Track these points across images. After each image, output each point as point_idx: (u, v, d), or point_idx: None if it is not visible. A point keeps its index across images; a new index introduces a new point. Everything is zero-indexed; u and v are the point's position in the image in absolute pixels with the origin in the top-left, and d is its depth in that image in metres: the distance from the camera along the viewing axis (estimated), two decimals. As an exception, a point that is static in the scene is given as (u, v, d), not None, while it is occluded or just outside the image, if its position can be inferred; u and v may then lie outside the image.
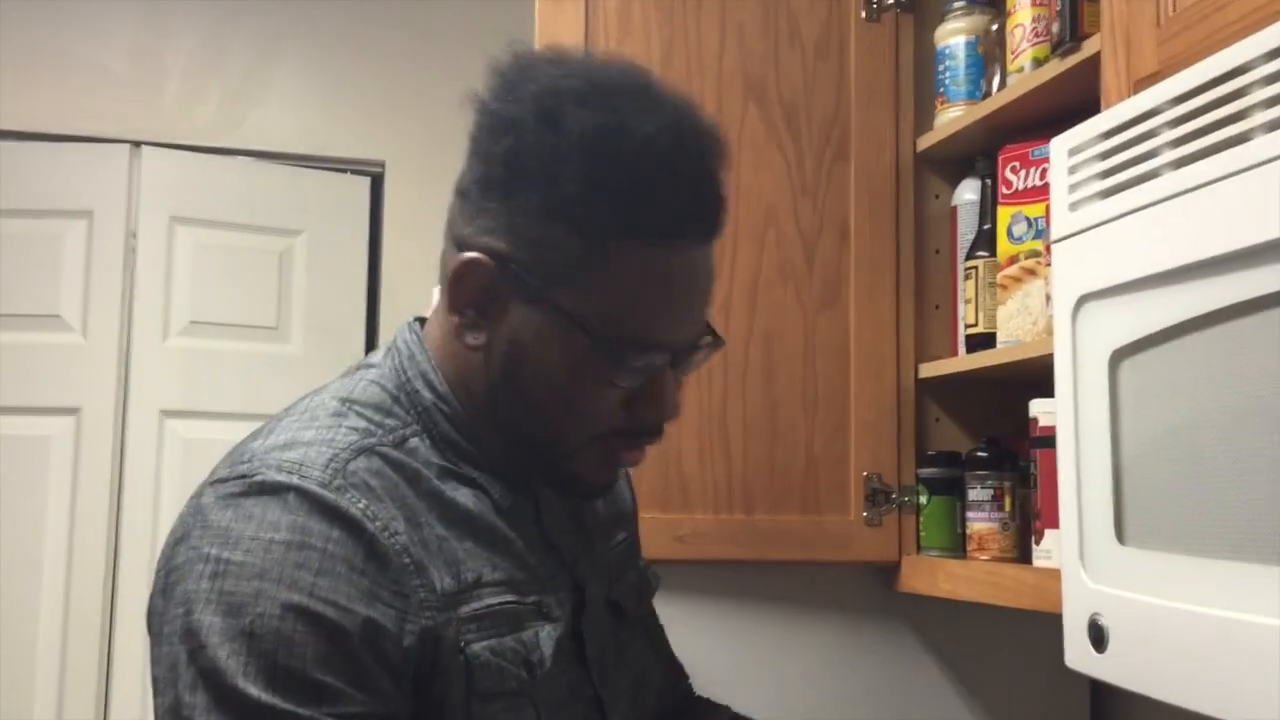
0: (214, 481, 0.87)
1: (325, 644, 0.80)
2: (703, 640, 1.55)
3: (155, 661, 0.83)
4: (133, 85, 2.81)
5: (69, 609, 2.62)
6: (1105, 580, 0.94)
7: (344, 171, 2.99)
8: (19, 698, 2.57)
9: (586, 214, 0.86)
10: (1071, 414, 0.98)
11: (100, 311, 2.71)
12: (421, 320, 1.00)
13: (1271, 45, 0.76)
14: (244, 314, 2.85)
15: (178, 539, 0.86)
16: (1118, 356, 0.92)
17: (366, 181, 3.01)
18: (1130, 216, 0.90)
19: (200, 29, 2.85)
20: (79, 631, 2.62)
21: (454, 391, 0.94)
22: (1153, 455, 0.89)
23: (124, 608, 2.65)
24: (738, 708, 1.22)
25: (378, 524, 0.85)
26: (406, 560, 0.85)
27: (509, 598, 0.90)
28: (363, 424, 0.91)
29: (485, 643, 0.88)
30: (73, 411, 2.67)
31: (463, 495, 0.92)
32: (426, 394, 0.94)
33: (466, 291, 0.90)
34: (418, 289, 2.26)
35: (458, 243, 0.92)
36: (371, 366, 0.97)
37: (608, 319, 0.87)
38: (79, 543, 2.64)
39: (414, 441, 0.92)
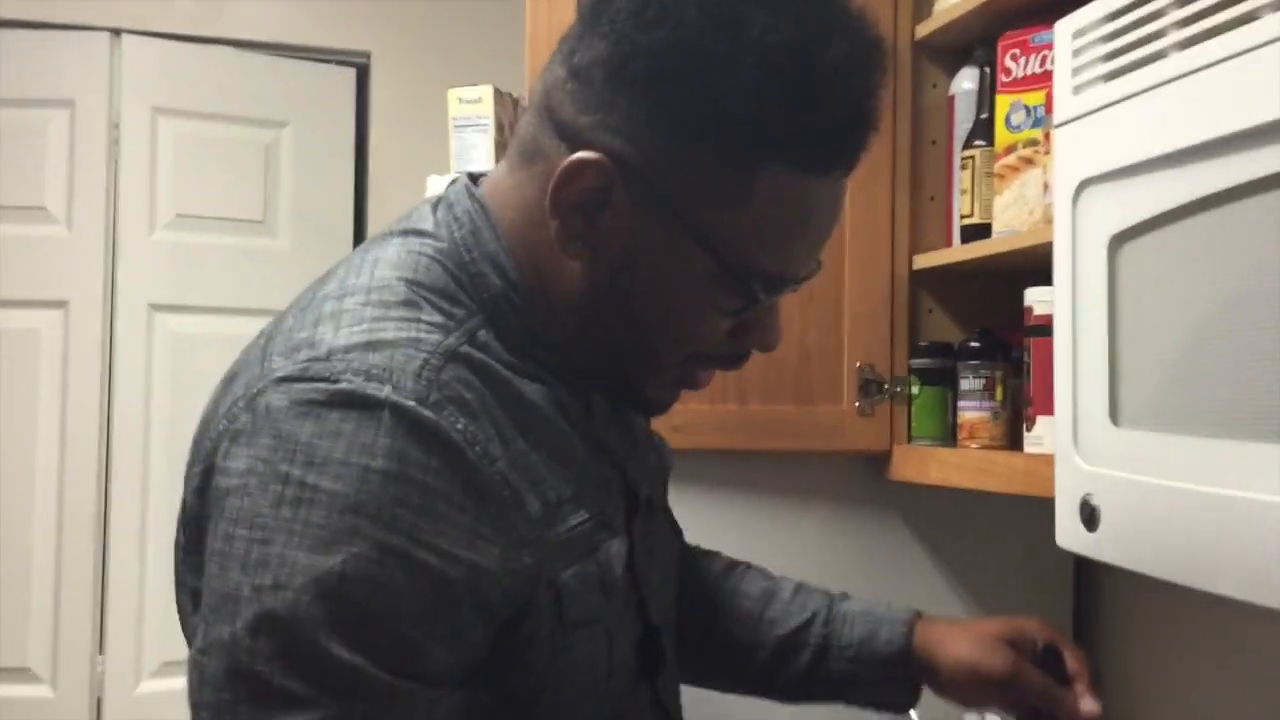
0: (281, 379, 0.75)
1: (426, 595, 0.71)
2: (696, 529, 1.57)
3: (193, 571, 0.76)
4: (111, -29, 2.75)
5: (63, 500, 2.65)
6: (1098, 461, 0.95)
7: (328, 62, 2.94)
8: (16, 590, 2.60)
9: (747, 136, 0.76)
10: (1069, 299, 0.99)
11: (85, 204, 2.69)
12: (474, 178, 0.89)
13: (1286, -80, 0.75)
14: (230, 208, 2.83)
15: (234, 438, 0.75)
16: (1117, 241, 0.92)
17: (352, 73, 2.97)
18: (1134, 99, 0.90)
19: (179, -87, 2.78)
20: (74, 523, 2.65)
21: (526, 285, 0.83)
22: (1149, 338, 0.90)
23: (117, 499, 2.68)
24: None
25: (477, 449, 0.75)
26: (505, 492, 0.76)
27: (583, 515, 0.82)
28: (439, 318, 0.80)
29: (571, 570, 0.80)
30: (61, 304, 2.66)
31: (535, 394, 0.82)
32: (495, 280, 0.83)
33: (574, 194, 0.79)
34: (406, 183, 2.24)
35: (564, 132, 0.80)
36: (425, 235, 0.85)
37: (741, 247, 0.79)
38: (71, 435, 2.65)
39: (483, 335, 0.81)
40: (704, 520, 1.58)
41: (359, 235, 2.92)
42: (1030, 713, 1.05)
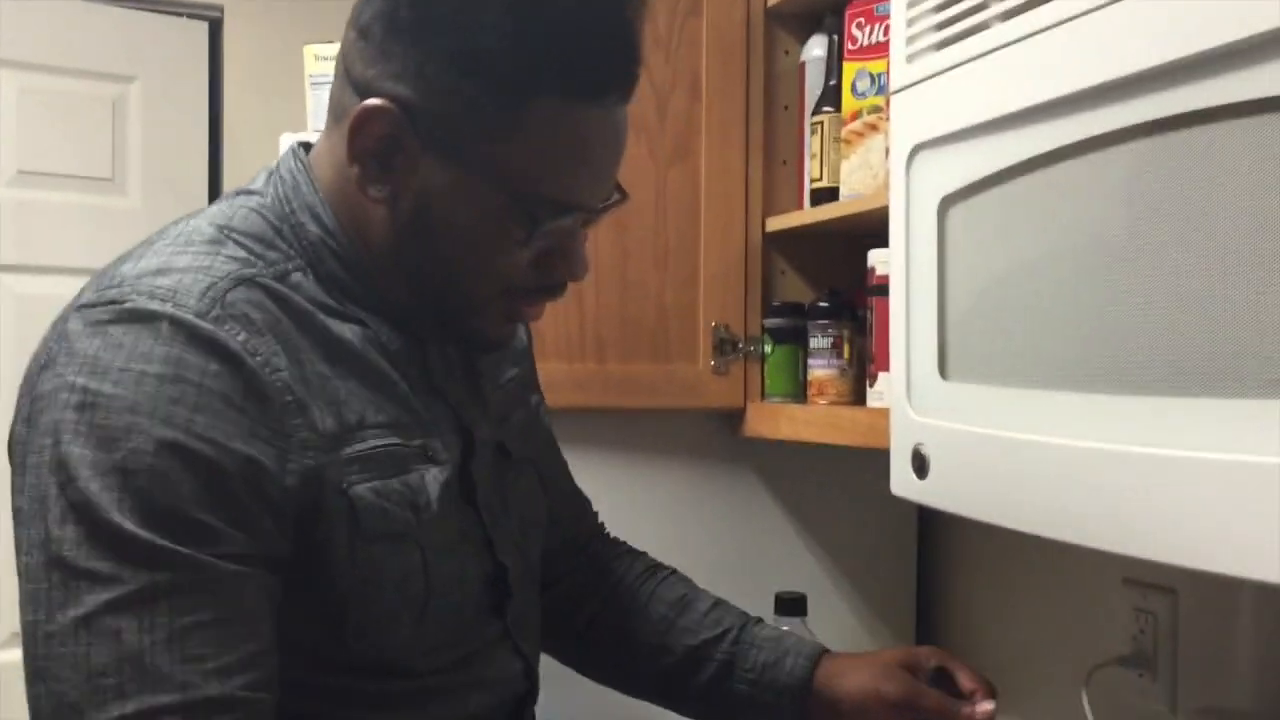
0: (80, 306, 0.83)
1: (203, 482, 0.77)
2: (556, 486, 1.60)
3: (18, 492, 0.80)
4: (-59, -86, 2.61)
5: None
6: (928, 413, 1.00)
7: (179, 15, 2.85)
8: None
9: (507, 68, 0.82)
10: (903, 259, 1.04)
11: (-80, 160, 2.55)
12: (306, 146, 0.95)
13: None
14: (77, 165, 2.73)
15: (42, 365, 0.82)
16: (946, 203, 0.97)
17: (204, 27, 2.87)
18: (962, 67, 0.94)
19: None
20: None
21: (344, 232, 0.90)
22: (975, 297, 0.95)
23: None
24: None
25: (258, 359, 0.81)
26: (288, 398, 0.82)
27: (393, 440, 0.88)
28: (242, 254, 0.86)
29: (369, 484, 0.86)
30: (-105, 266, 2.54)
31: (348, 332, 0.89)
32: (313, 228, 0.90)
33: (368, 141, 0.85)
34: (261, 141, 2.20)
35: (357, 86, 0.86)
36: (252, 194, 0.93)
37: (525, 178, 0.85)
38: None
39: (297, 277, 0.88)
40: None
41: (214, 193, 2.85)
42: None
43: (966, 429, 0.95)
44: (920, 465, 1.00)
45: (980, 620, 1.68)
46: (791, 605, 1.53)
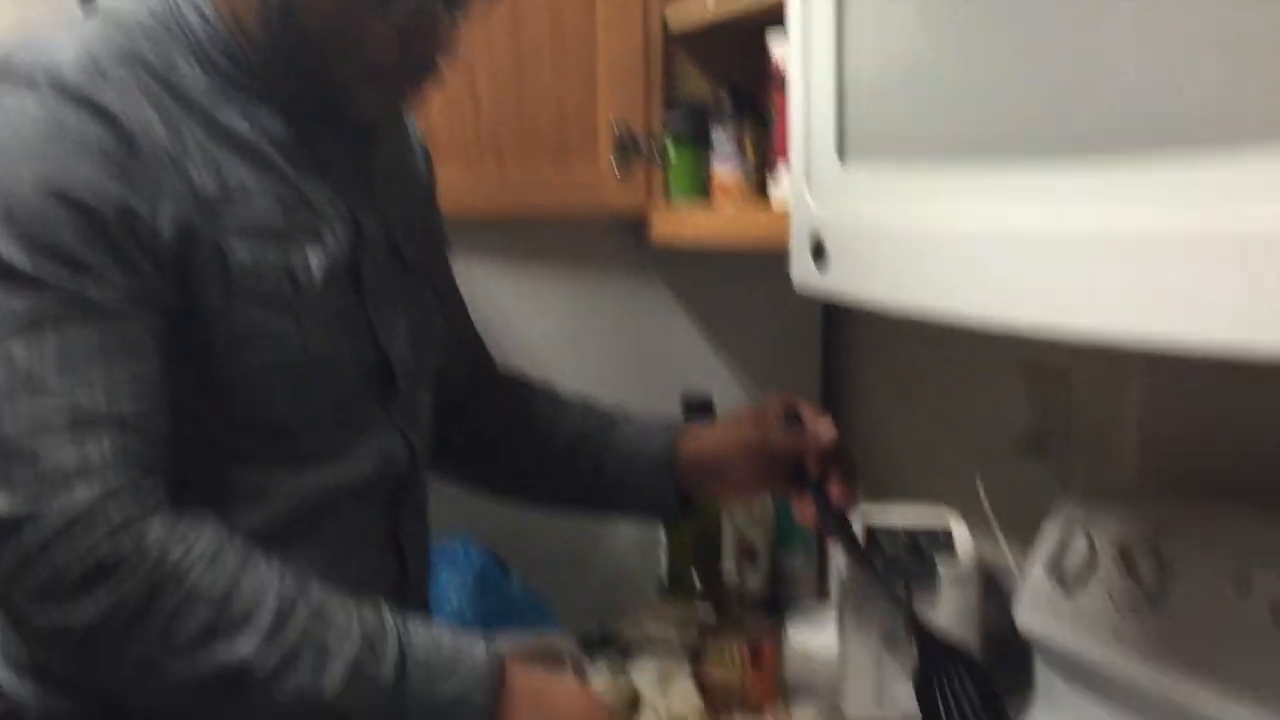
0: None
1: (83, 224, 0.81)
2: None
3: None
4: None
5: None
6: (827, 201, 0.99)
7: None
8: None
9: None
10: (801, 41, 1.00)
11: None
12: None
13: None
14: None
15: None
16: (846, -24, 0.93)
17: None
18: None
19: None
20: None
21: (223, 23, 0.93)
22: (873, 75, 0.93)
23: None
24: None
25: (134, 119, 0.85)
26: (164, 156, 0.86)
27: (276, 214, 0.92)
28: (121, 37, 0.89)
29: (246, 247, 0.89)
30: None
31: (232, 118, 0.92)
32: (194, 18, 0.92)
33: None
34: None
35: None
36: None
37: None
38: None
39: (180, 64, 0.91)
40: (468, 290, 1.58)
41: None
42: (789, 480, 1.14)
43: (864, 211, 0.93)
44: (819, 253, 0.99)
45: (883, 413, 1.71)
46: (699, 408, 1.55)
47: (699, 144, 1.56)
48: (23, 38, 0.88)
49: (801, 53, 1.00)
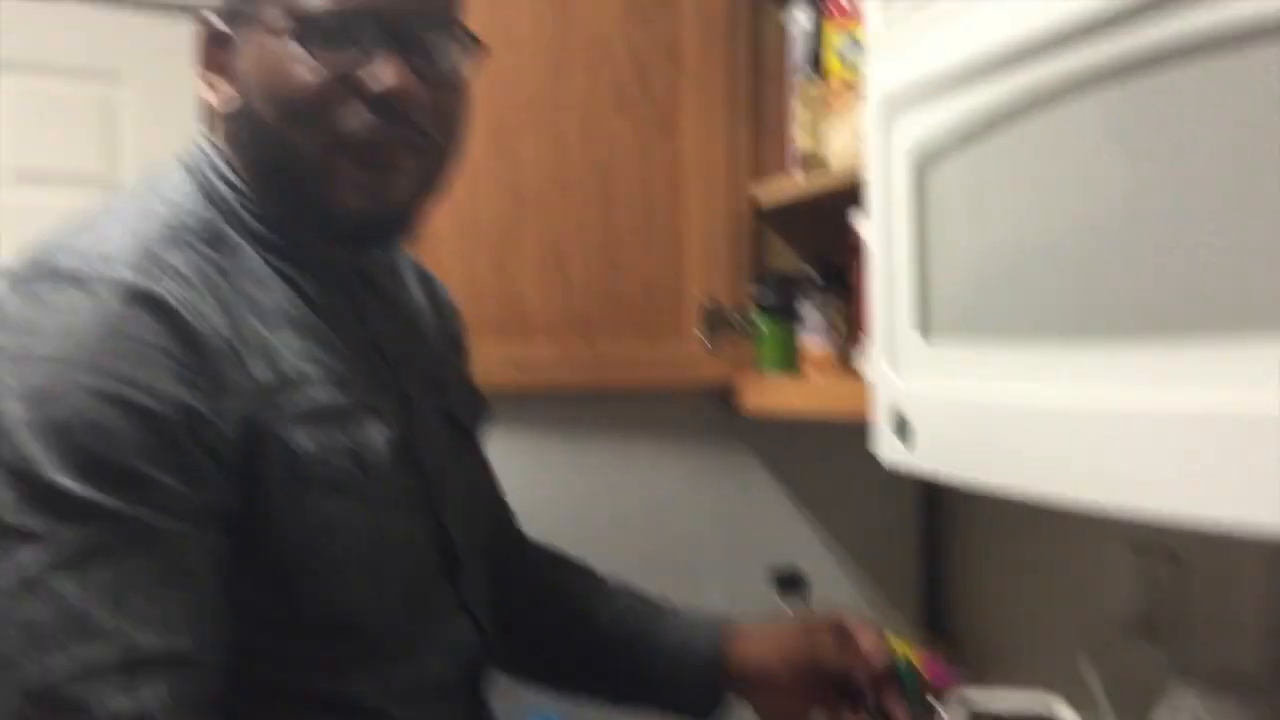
0: (8, 277, 0.83)
1: (143, 431, 0.76)
2: (545, 471, 1.58)
3: None
4: (-76, -85, 2.59)
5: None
6: (911, 376, 0.98)
7: (163, 9, 2.83)
8: None
9: None
10: (883, 218, 1.01)
11: (-93, 163, 2.54)
12: None
13: None
14: (69, 163, 2.71)
15: None
16: (924, 158, 0.94)
17: (187, 20, 2.85)
18: (937, 20, 0.91)
19: None
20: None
21: (252, 185, 0.91)
22: (956, 252, 0.92)
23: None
24: (583, 536, 1.24)
25: (191, 311, 0.81)
26: (224, 349, 0.82)
27: (336, 393, 0.89)
28: (174, 220, 0.87)
29: (311, 436, 0.85)
30: (-114, 270, 2.53)
31: (278, 295, 0.90)
32: (226, 190, 0.91)
33: (201, 58, 0.92)
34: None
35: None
36: (169, 173, 0.95)
37: (292, 5, 0.87)
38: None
39: (225, 237, 0.89)
40: (553, 464, 1.58)
41: (208, 190, 2.83)
42: (838, 701, 1.08)
43: (950, 388, 0.92)
44: (903, 429, 0.98)
45: (984, 590, 1.65)
46: (791, 583, 1.51)
47: (788, 316, 1.57)
48: (66, 228, 0.86)
49: (883, 231, 1.01)
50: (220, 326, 0.83)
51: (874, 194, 1.02)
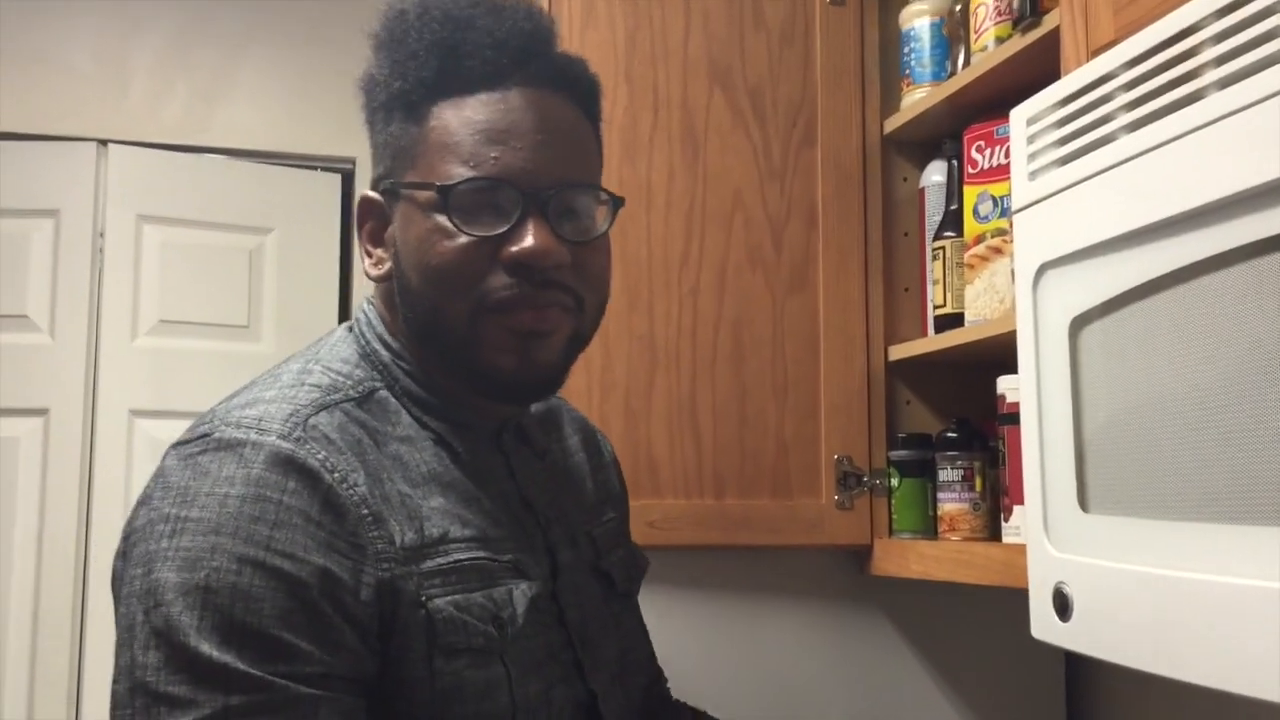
0: (176, 444, 0.88)
1: (284, 598, 0.79)
2: (676, 627, 1.54)
3: (116, 624, 0.83)
4: (99, 83, 2.79)
5: (38, 612, 2.59)
6: (1069, 549, 0.93)
7: (314, 169, 2.97)
8: (-11, 702, 2.54)
9: (397, 96, 0.92)
10: (1034, 384, 0.98)
11: (68, 311, 2.68)
12: None
13: (1221, 3, 0.76)
14: (214, 313, 2.82)
15: (140, 503, 0.86)
16: (1078, 323, 0.92)
17: (337, 179, 2.99)
18: (1088, 182, 0.90)
19: (166, 27, 2.83)
20: (49, 634, 2.59)
21: (406, 346, 0.96)
22: (1114, 421, 0.89)
23: (94, 610, 2.62)
24: (712, 694, 1.21)
25: (335, 475, 0.84)
26: (364, 512, 0.84)
27: (480, 554, 0.89)
28: (326, 380, 0.91)
29: (449, 598, 0.86)
30: (41, 413, 2.64)
31: (428, 453, 0.92)
32: (384, 352, 0.95)
33: (363, 228, 0.96)
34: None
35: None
36: (335, 333, 1.00)
37: (440, 172, 0.90)
38: (48, 545, 2.61)
39: (382, 394, 0.93)
40: (684, 619, 1.56)
41: (343, 338, 2.92)
42: None
43: (1112, 566, 0.87)
44: (1063, 606, 0.93)
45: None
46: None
47: (923, 476, 1.53)
48: (230, 397, 0.91)
49: (1035, 397, 0.97)
50: (363, 488, 0.85)
51: (1024, 357, 0.99)
